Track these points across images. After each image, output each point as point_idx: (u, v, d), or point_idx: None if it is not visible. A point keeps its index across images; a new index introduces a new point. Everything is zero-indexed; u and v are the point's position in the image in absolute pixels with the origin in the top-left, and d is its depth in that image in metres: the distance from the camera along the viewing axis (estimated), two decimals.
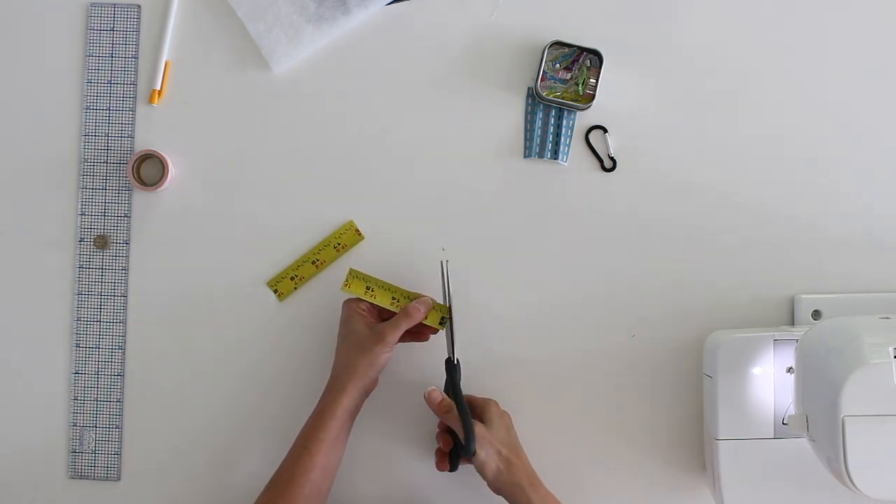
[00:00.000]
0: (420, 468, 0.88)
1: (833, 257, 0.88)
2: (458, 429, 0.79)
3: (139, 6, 0.89)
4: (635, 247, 0.88)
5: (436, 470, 0.83)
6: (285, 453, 0.81)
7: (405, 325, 0.81)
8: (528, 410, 0.86)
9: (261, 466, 0.86)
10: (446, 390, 0.83)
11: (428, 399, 0.81)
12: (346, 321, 0.82)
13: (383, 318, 0.83)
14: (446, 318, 0.83)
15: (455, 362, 0.82)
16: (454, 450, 0.82)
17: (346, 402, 0.79)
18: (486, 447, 0.78)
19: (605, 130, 0.88)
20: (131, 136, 0.89)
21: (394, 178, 0.89)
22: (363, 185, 0.88)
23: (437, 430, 0.85)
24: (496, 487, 0.78)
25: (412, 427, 0.88)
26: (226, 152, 0.89)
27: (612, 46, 0.87)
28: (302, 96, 0.89)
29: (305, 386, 0.87)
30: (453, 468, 0.82)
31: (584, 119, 0.88)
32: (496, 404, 0.84)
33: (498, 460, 0.78)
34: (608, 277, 0.88)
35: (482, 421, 0.81)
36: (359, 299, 0.83)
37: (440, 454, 0.83)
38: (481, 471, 0.78)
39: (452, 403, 0.81)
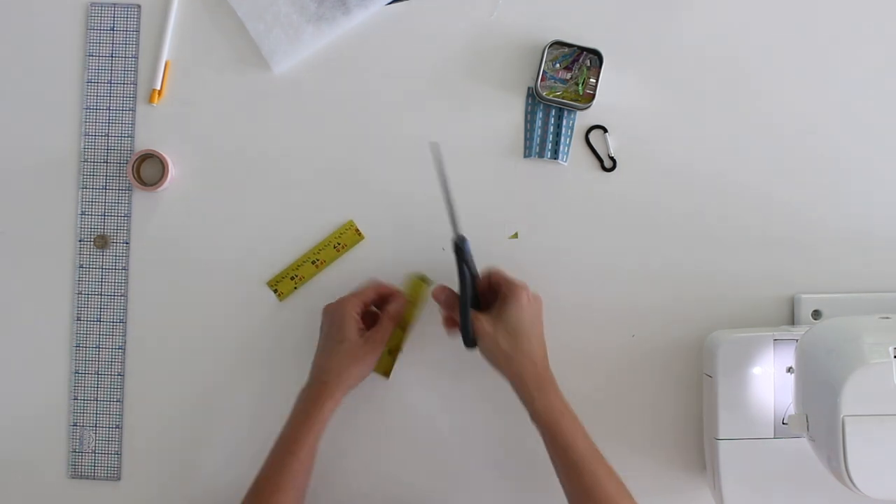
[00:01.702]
0: (420, 465, 0.88)
1: (833, 257, 0.88)
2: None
3: (139, 6, 0.89)
4: (635, 247, 0.88)
5: (435, 462, 0.83)
6: None
7: (391, 327, 0.82)
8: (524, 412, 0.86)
9: (260, 466, 0.86)
10: (461, 274, 0.80)
11: (433, 296, 0.81)
12: (338, 326, 0.80)
13: (365, 322, 0.83)
14: (425, 277, 0.84)
15: (462, 239, 0.79)
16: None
17: (332, 407, 0.79)
18: (488, 341, 0.78)
19: (605, 130, 0.88)
20: (131, 136, 0.89)
21: (394, 178, 0.89)
22: (363, 185, 0.89)
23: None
24: (506, 377, 0.78)
25: (412, 423, 0.88)
26: (226, 152, 0.89)
27: (612, 46, 0.87)
28: (302, 96, 0.89)
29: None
30: (467, 343, 0.79)
31: (584, 119, 0.88)
32: (525, 292, 0.79)
33: (499, 354, 0.77)
34: (608, 277, 0.88)
35: (501, 307, 0.79)
36: (351, 302, 0.81)
37: (448, 321, 0.82)
38: (487, 359, 0.79)
39: (454, 300, 0.80)
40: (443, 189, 0.78)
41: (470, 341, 0.79)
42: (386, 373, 0.85)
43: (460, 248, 0.79)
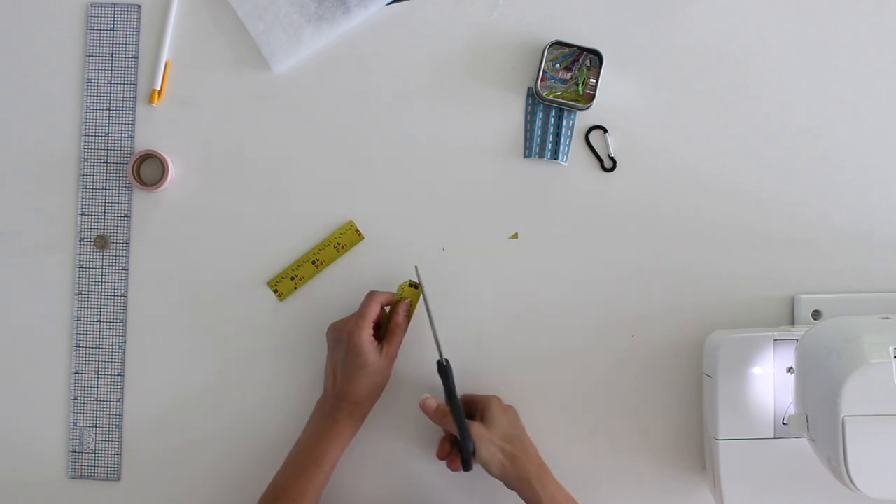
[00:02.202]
0: (430, 466, 0.88)
1: (833, 257, 0.88)
2: (456, 431, 0.79)
3: (139, 6, 0.89)
4: (635, 247, 0.88)
5: (445, 468, 0.83)
6: (285, 454, 0.81)
7: (401, 336, 0.83)
8: (527, 410, 0.86)
9: (261, 466, 0.86)
10: (446, 394, 0.82)
11: (423, 407, 0.82)
12: (356, 353, 0.80)
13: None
14: (415, 283, 0.84)
15: (445, 363, 0.82)
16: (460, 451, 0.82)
17: (361, 424, 0.82)
18: (487, 444, 0.79)
19: (605, 130, 0.88)
20: (131, 136, 0.89)
21: (394, 178, 0.89)
22: (363, 185, 0.88)
23: (442, 434, 0.85)
24: (506, 483, 0.79)
25: (421, 424, 0.87)
26: (226, 152, 0.89)
27: (612, 46, 0.87)
28: (302, 96, 0.89)
29: (305, 386, 0.87)
30: (466, 468, 0.80)
31: (584, 119, 0.88)
32: (498, 400, 0.84)
33: (501, 456, 0.79)
34: (608, 277, 0.88)
35: (484, 418, 0.81)
36: (364, 327, 0.81)
37: (450, 457, 0.83)
38: (487, 468, 0.79)
39: (447, 409, 0.81)
40: (428, 314, 0.81)
41: (469, 447, 0.78)
42: None
43: (446, 369, 0.81)
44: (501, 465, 0.78)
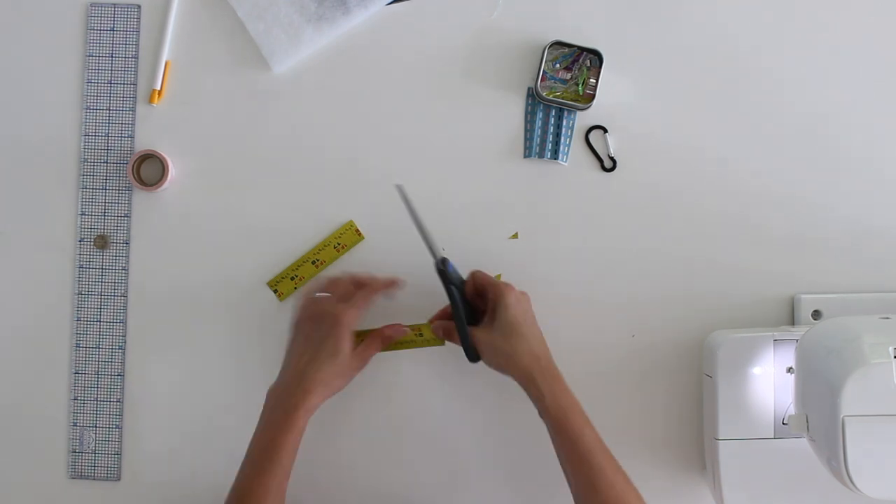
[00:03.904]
0: (428, 464, 0.88)
1: (833, 257, 0.88)
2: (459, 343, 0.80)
3: (139, 6, 0.89)
4: (635, 247, 0.88)
5: (442, 465, 0.83)
6: None
7: (380, 347, 0.83)
8: (526, 409, 0.86)
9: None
10: (450, 295, 0.81)
11: (434, 333, 0.83)
12: (336, 339, 0.79)
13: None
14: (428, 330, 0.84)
15: (442, 264, 0.80)
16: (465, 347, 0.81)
17: (311, 415, 0.78)
18: (487, 350, 0.79)
19: (605, 130, 0.88)
20: (131, 136, 0.89)
21: (394, 178, 0.88)
22: (363, 185, 0.89)
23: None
24: (514, 378, 0.79)
25: (419, 422, 0.88)
26: (226, 152, 0.89)
27: (612, 46, 0.87)
28: (302, 96, 0.89)
29: None
30: (470, 359, 0.81)
31: (584, 119, 0.88)
32: (510, 291, 0.80)
33: (500, 359, 0.79)
34: (608, 277, 0.88)
35: (494, 312, 0.79)
36: (351, 315, 0.80)
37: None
38: (493, 367, 0.80)
39: (451, 326, 0.81)
40: (414, 222, 0.80)
41: (473, 356, 0.79)
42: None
43: (443, 270, 0.80)
44: (499, 366, 0.79)
